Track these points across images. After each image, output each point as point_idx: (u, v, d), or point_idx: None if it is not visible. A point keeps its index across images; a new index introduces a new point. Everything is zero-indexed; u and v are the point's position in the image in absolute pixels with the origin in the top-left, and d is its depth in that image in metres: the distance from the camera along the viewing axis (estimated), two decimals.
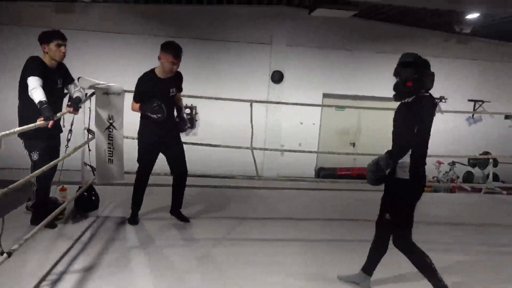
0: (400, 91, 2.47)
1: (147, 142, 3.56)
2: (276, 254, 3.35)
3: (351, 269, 2.85)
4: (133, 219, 3.70)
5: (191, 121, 8.17)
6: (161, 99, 3.39)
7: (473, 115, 9.15)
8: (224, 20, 8.16)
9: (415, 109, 2.38)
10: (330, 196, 5.24)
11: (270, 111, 8.41)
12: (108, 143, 3.65)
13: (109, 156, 3.67)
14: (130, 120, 3.76)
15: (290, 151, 6.12)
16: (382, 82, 6.55)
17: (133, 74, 3.70)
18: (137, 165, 3.66)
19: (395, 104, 2.58)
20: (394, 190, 2.50)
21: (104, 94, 3.57)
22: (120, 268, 2.91)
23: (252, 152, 4.79)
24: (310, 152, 7.89)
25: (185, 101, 7.87)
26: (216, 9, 8.06)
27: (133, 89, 3.56)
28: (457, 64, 8.96)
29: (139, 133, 3.61)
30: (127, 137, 3.84)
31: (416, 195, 2.49)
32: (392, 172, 2.45)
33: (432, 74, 2.46)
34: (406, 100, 2.46)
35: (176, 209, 3.82)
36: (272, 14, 8.27)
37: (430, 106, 2.44)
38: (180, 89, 3.76)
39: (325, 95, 8.74)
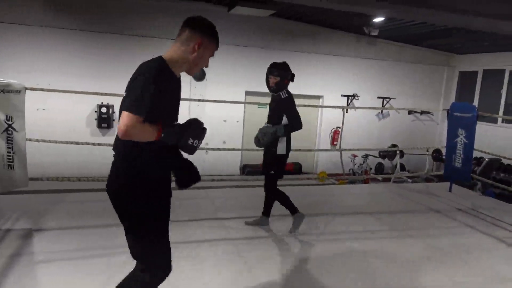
0: (280, 86, 3.81)
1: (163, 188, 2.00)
2: (204, 255, 3.27)
3: (279, 267, 2.89)
4: None
5: (108, 121, 7.68)
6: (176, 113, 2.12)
7: (382, 111, 9.94)
8: (142, 15, 7.80)
9: (292, 98, 3.81)
10: (255, 193, 5.29)
11: (193, 109, 8.25)
12: (8, 147, 3.24)
13: (9, 161, 3.26)
14: (33, 121, 3.38)
15: (214, 149, 6.05)
16: (301, 80, 6.78)
17: (38, 70, 3.32)
18: (50, 169, 3.19)
19: (317, 101, 2.68)
20: (272, 161, 3.68)
21: (0, 92, 3.16)
22: (27, 287, 2.60)
23: None
24: (234, 150, 7.92)
25: (101, 99, 7.48)
26: (135, 3, 7.67)
27: (38, 86, 3.19)
28: (368, 63, 9.65)
29: (136, 176, 1.86)
30: (30, 140, 3.45)
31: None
32: (274, 147, 3.61)
33: (293, 75, 3.93)
34: (283, 92, 3.80)
35: None
36: (192, 11, 7.97)
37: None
38: None
39: (248, 93, 8.82)
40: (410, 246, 3.75)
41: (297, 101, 3.95)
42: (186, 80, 9.21)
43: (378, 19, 7.58)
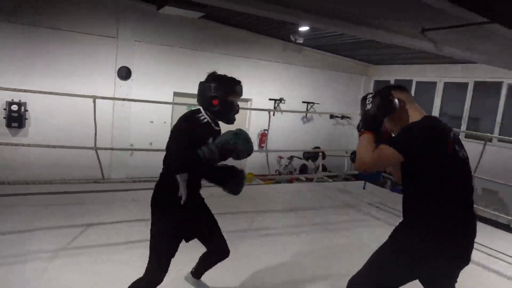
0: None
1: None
2: (129, 256, 3.21)
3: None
4: None
5: (19, 120, 7.04)
6: None
7: (306, 115, 10.49)
8: (63, 7, 7.32)
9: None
10: None
11: (117, 109, 7.93)
12: None
13: None
14: None
15: (140, 150, 5.90)
16: None
17: None
18: None
19: (245, 104, 2.70)
20: None
21: None
22: None
23: (97, 153, 4.46)
24: (161, 150, 7.79)
25: (12, 96, 6.86)
26: None
27: None
28: (294, 70, 10.13)
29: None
30: None
31: None
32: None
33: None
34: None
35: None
36: (119, 7, 7.80)
37: None
38: None
39: (176, 94, 8.72)
40: (327, 238, 4.06)
41: None
42: (110, 78, 8.89)
43: (303, 28, 8.01)
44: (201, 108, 2.25)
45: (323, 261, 3.51)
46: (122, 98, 6.40)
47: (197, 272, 2.67)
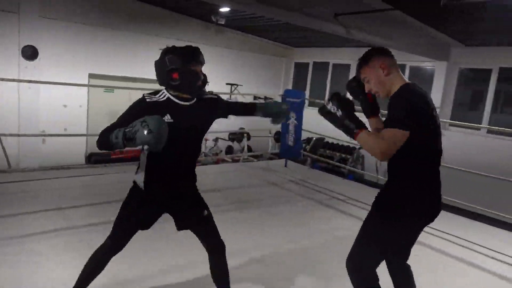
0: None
1: None
2: (42, 248, 3.04)
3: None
4: None
5: None
6: None
7: (230, 97, 10.54)
8: None
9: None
10: (102, 181, 5.06)
11: (23, 92, 7.22)
12: None
13: None
14: None
15: (53, 135, 5.49)
16: (150, 64, 6.70)
17: None
18: None
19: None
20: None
21: None
22: None
23: (0, 140, 4.07)
24: (77, 135, 7.32)
25: None
26: None
27: None
28: (217, 51, 10.07)
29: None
30: None
31: None
32: None
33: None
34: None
35: None
36: None
37: None
38: None
39: (92, 76, 8.19)
40: (249, 213, 4.25)
41: (138, 85, 3.90)
42: (13, 58, 8.03)
43: (224, 9, 7.98)
44: (163, 89, 2.06)
45: (246, 235, 3.67)
46: (27, 80, 5.80)
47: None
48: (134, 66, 8.51)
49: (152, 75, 2.18)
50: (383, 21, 6.34)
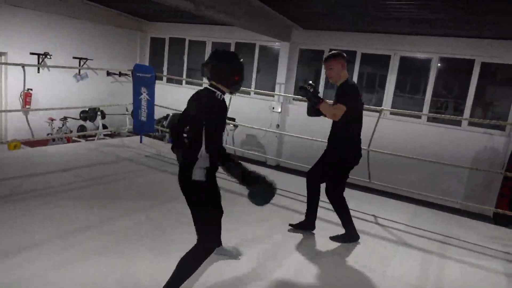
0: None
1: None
2: None
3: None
4: None
5: None
6: None
7: (79, 72, 9.73)
8: None
9: None
10: None
11: None
12: None
13: None
14: None
15: None
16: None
17: None
18: None
19: None
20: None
21: None
22: None
23: None
24: None
25: None
26: None
27: None
28: (61, 21, 9.07)
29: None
30: None
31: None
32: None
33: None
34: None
35: None
36: None
37: None
38: None
39: None
40: (105, 189, 4.19)
41: None
42: None
43: None
44: (211, 86, 2.40)
45: (100, 211, 3.63)
46: None
47: None
48: None
49: None
50: (232, 1, 6.71)
